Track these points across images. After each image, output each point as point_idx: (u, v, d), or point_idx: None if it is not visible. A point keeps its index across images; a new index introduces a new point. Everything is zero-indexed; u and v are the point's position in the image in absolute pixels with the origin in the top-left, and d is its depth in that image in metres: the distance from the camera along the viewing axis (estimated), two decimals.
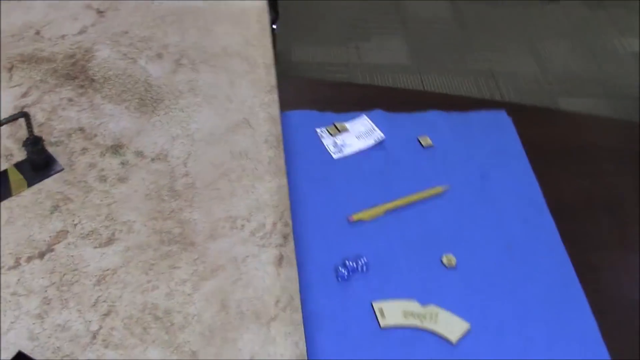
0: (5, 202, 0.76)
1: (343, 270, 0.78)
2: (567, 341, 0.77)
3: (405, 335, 0.75)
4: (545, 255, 0.85)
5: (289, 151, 0.91)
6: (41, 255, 0.72)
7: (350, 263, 0.79)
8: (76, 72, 0.93)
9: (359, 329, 0.74)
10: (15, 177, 0.78)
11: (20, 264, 0.71)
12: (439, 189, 0.90)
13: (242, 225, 0.77)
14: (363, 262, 0.79)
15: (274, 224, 0.78)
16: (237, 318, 0.69)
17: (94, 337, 0.66)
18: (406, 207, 0.87)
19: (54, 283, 0.70)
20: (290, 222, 0.78)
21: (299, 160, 0.91)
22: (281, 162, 0.85)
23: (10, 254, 0.72)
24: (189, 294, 0.71)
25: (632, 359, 0.76)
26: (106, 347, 0.66)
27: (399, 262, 0.81)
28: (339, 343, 0.73)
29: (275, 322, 0.69)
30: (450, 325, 0.76)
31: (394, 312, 0.76)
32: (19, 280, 0.70)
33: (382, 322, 0.75)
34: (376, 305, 0.76)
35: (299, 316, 0.70)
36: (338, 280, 0.78)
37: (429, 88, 2.05)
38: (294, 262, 0.75)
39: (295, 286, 0.73)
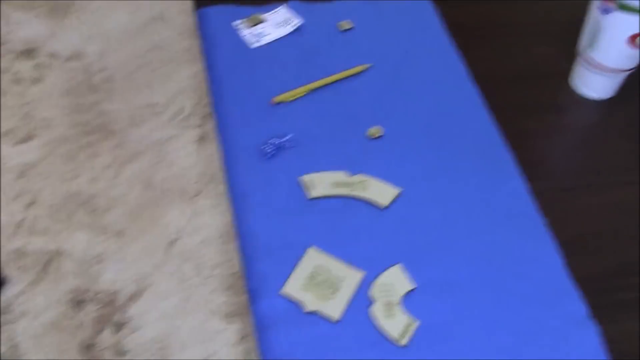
0: None
1: (268, 148, 0.78)
2: (495, 198, 0.78)
3: (334, 205, 0.76)
4: (470, 120, 0.86)
5: (206, 43, 0.90)
6: None
7: (275, 140, 0.79)
8: None
9: (287, 201, 0.75)
10: None
11: None
12: (359, 67, 0.90)
13: (162, 111, 0.77)
14: (288, 139, 0.79)
15: (194, 107, 0.78)
16: (161, 196, 0.70)
17: (19, 226, 0.66)
18: (328, 87, 0.88)
19: None
20: (209, 103, 0.78)
21: (217, 51, 0.90)
22: (197, 51, 0.84)
23: None
24: (111, 179, 0.71)
25: (560, 215, 0.78)
26: (31, 234, 0.66)
27: (324, 138, 0.82)
28: (267, 215, 0.73)
29: (200, 196, 0.70)
30: (380, 191, 0.77)
31: (322, 183, 0.77)
32: None
33: (311, 194, 0.76)
34: (304, 178, 0.77)
35: (223, 189, 0.71)
36: (263, 157, 0.78)
37: None
38: (215, 140, 0.75)
39: (217, 162, 0.73)
